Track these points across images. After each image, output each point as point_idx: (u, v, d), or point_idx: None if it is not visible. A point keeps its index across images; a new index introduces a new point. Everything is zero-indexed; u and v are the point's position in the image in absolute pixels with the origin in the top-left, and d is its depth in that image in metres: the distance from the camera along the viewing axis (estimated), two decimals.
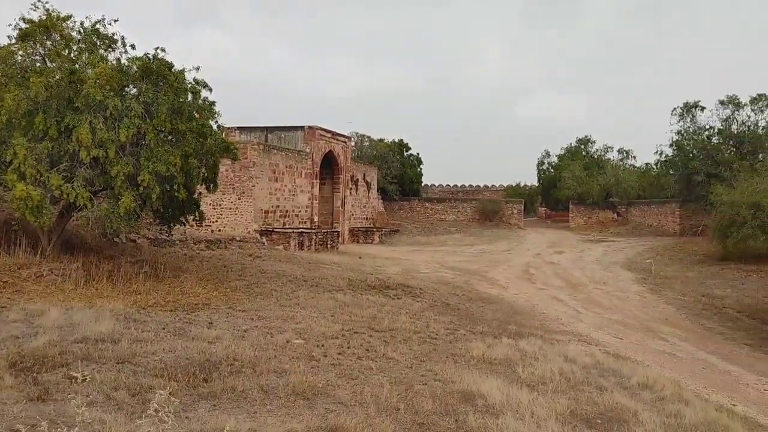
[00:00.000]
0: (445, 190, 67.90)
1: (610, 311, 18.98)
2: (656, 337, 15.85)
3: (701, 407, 8.02)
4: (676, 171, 45.38)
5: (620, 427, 6.50)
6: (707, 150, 42.49)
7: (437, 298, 16.25)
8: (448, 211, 52.95)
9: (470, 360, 9.10)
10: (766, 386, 11.66)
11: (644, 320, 18.08)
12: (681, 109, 44.32)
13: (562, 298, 20.67)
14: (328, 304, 13.05)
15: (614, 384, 8.61)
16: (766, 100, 41.64)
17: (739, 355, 14.88)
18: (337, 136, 37.17)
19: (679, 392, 8.78)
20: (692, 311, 20.17)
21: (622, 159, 61.59)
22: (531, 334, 12.38)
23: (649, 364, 11.67)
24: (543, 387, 7.84)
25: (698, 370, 12.59)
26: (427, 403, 6.54)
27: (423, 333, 10.86)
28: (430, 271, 24.27)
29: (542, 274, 26.34)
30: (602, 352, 11.79)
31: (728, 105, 42.66)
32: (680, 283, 25.29)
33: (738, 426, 7.37)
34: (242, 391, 6.40)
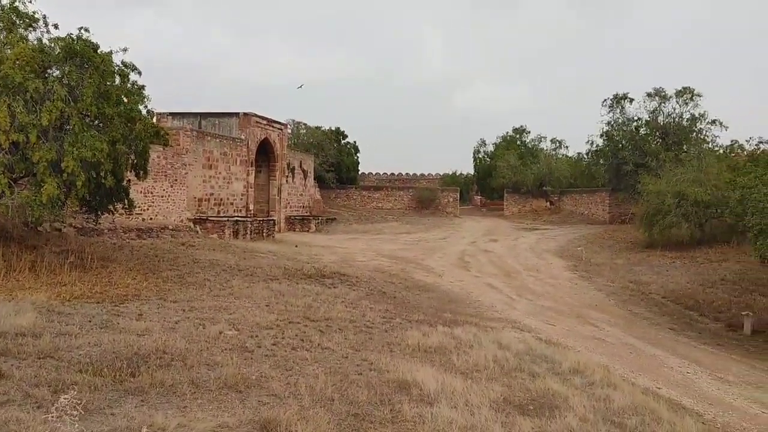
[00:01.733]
0: (383, 178, 68.04)
1: (542, 298, 19.36)
2: (586, 323, 16.26)
3: (629, 391, 8.25)
4: (606, 161, 46.75)
5: (552, 413, 6.59)
6: (635, 141, 43.92)
7: (373, 287, 16.23)
8: (385, 200, 53.06)
9: (406, 349, 9.10)
10: (689, 369, 12.09)
11: (575, 306, 18.52)
12: (611, 100, 45.69)
13: (497, 285, 20.98)
14: (263, 293, 12.85)
15: (546, 370, 8.75)
16: (690, 94, 43.28)
17: (664, 339, 15.40)
18: (273, 123, 36.66)
19: (608, 377, 9.01)
20: (620, 297, 20.79)
21: (555, 148, 63.19)
22: (466, 322, 12.50)
23: (579, 350, 11.95)
24: (477, 374, 7.91)
25: (626, 354, 12.96)
26: (362, 394, 6.48)
27: (359, 322, 10.81)
28: (367, 260, 24.25)
29: (477, 262, 26.68)
30: (535, 338, 12.00)
31: (655, 97, 44.20)
32: (609, 269, 26.02)
33: (662, 408, 7.60)
34: (172, 385, 6.19)
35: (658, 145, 43.08)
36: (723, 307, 18.85)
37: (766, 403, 10.01)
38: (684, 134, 43.18)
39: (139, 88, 14.03)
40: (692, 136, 43.32)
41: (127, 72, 13.62)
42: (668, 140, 43.16)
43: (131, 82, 13.84)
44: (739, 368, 12.84)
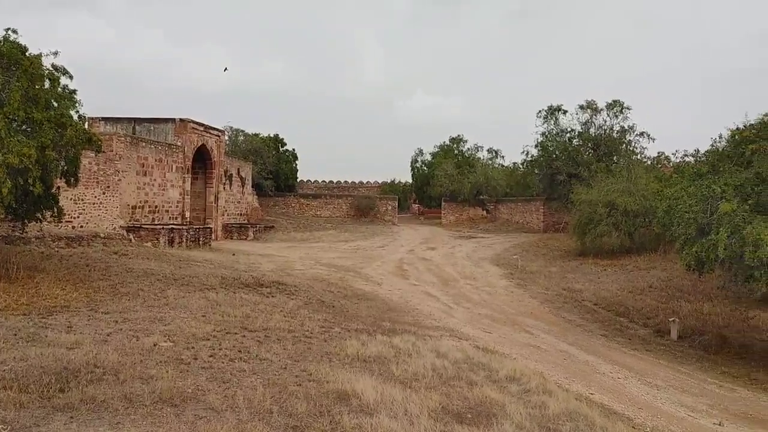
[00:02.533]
0: (321, 186, 67.77)
1: (479, 306, 19.63)
2: (522, 330, 16.56)
3: (563, 397, 8.42)
4: (540, 170, 47.91)
5: (489, 421, 6.67)
6: (569, 151, 45.17)
7: (312, 296, 16.13)
8: (323, 207, 52.87)
9: (345, 358, 9.06)
10: (620, 375, 12.45)
11: (511, 314, 18.85)
12: (545, 112, 46.96)
13: (435, 293, 21.17)
14: (199, 303, 12.60)
15: (484, 378, 8.86)
16: (619, 106, 44.87)
17: (596, 345, 15.84)
18: (211, 129, 36.08)
19: (544, 383, 9.17)
20: (555, 304, 21.27)
21: (491, 158, 64.25)
22: (405, 331, 12.55)
23: (516, 357, 12.15)
24: (416, 383, 7.94)
25: (560, 360, 13.25)
26: (301, 405, 6.42)
27: (297, 332, 10.71)
28: (305, 268, 24.10)
29: (415, 270, 26.86)
30: (472, 346, 12.12)
31: (587, 110, 45.63)
32: (544, 277, 26.60)
33: (595, 414, 7.79)
34: (103, 400, 6.00)
35: (590, 155, 44.44)
36: (651, 313, 19.53)
37: (691, 407, 10.41)
38: (614, 145, 44.70)
39: (70, 92, 13.60)
40: (622, 148, 44.87)
41: (58, 76, 13.18)
42: (599, 151, 44.57)
43: (62, 86, 13.40)
44: (667, 373, 13.32)
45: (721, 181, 15.06)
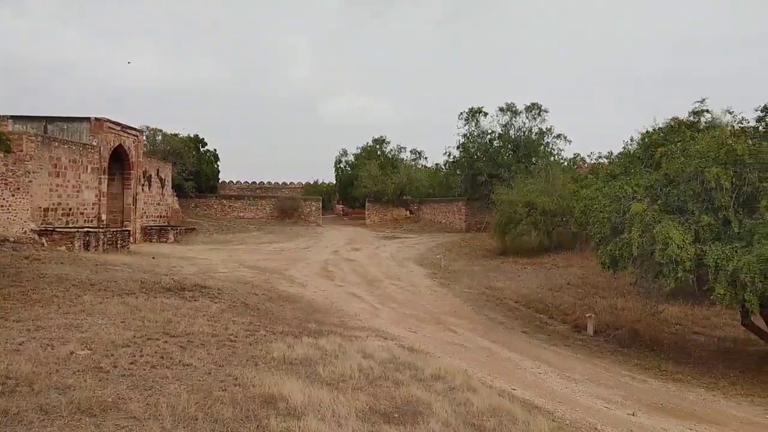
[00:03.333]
0: (244, 187, 66.80)
1: (404, 306, 19.80)
2: (446, 329, 16.82)
3: (487, 394, 8.62)
4: (462, 171, 48.78)
5: (415, 419, 6.75)
6: (489, 152, 46.21)
7: (236, 299, 15.88)
8: (246, 209, 52.13)
9: (271, 362, 8.97)
10: (540, 370, 12.83)
11: (435, 313, 19.10)
12: (467, 113, 47.87)
13: (360, 294, 21.22)
14: (118, 309, 12.18)
15: (410, 377, 8.96)
16: (537, 109, 46.25)
17: (518, 342, 16.26)
18: (128, 129, 34.95)
19: (468, 381, 9.36)
20: (477, 303, 21.70)
21: (414, 159, 64.93)
22: (331, 332, 12.53)
23: (440, 356, 12.32)
24: (343, 385, 7.95)
25: (483, 358, 13.53)
26: (227, 411, 6.33)
27: (222, 336, 10.52)
28: (229, 271, 23.70)
29: (340, 271, 26.84)
30: (398, 346, 12.23)
31: (507, 112, 46.84)
32: (467, 276, 27.07)
33: (518, 409, 8.00)
34: (17, 413, 5.73)
35: (510, 157, 45.61)
36: (569, 309, 20.20)
37: (607, 398, 10.83)
38: (533, 147, 46.03)
39: None
40: (540, 149, 46.24)
41: None
42: (519, 152, 45.80)
43: None
44: (584, 367, 13.81)
45: (632, 182, 15.72)
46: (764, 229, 12.50)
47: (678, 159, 14.85)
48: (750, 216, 13.34)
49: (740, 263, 12.10)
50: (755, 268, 11.80)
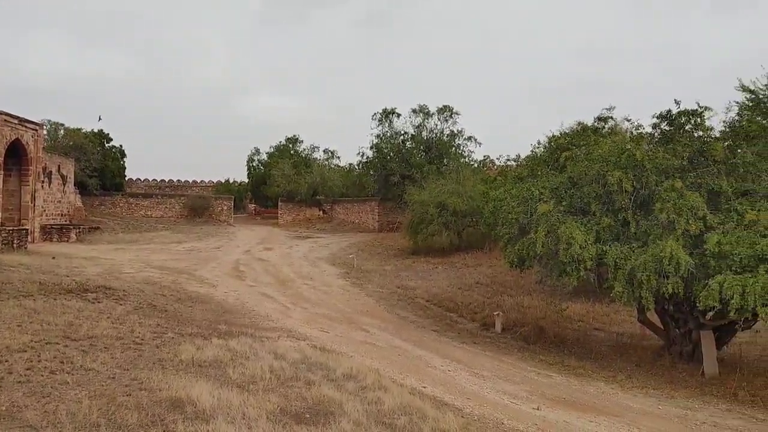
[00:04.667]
0: (152, 185, 64.70)
1: (316, 306, 19.74)
2: (359, 328, 16.88)
3: (398, 392, 8.71)
4: (375, 171, 49.05)
5: (327, 419, 6.76)
6: (402, 153, 46.69)
7: (143, 300, 15.40)
8: (155, 207, 50.56)
9: (179, 364, 8.75)
10: (450, 368, 13.07)
11: (348, 313, 19.14)
12: (380, 114, 48.22)
13: (272, 294, 21.00)
14: (13, 312, 11.56)
15: (322, 377, 8.95)
16: (449, 112, 47.14)
17: (429, 340, 16.51)
18: (26, 122, 33.18)
19: (379, 380, 9.43)
20: (389, 302, 21.89)
21: (327, 159, 64.75)
22: (242, 333, 12.35)
23: (352, 355, 12.36)
24: (254, 386, 7.86)
25: (395, 356, 13.65)
26: (132, 416, 6.13)
27: (127, 339, 10.18)
28: (135, 271, 22.92)
29: (252, 271, 26.47)
30: (310, 346, 12.19)
31: (419, 113, 47.49)
32: (379, 276, 27.26)
33: (428, 406, 8.14)
34: None
35: (422, 158, 46.25)
36: (478, 308, 20.70)
37: (513, 394, 11.16)
38: (444, 148, 46.86)
39: None
40: (452, 151, 47.10)
41: None
42: (431, 154, 46.51)
43: None
44: (492, 363, 14.18)
45: (539, 185, 16.26)
46: (658, 230, 13.21)
47: (582, 162, 15.47)
48: (646, 218, 14.05)
49: (637, 262, 12.75)
50: (650, 266, 12.46)
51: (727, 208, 13.35)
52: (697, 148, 14.22)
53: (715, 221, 13.00)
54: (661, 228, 13.19)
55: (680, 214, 12.89)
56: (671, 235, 12.72)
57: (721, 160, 13.86)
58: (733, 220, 12.94)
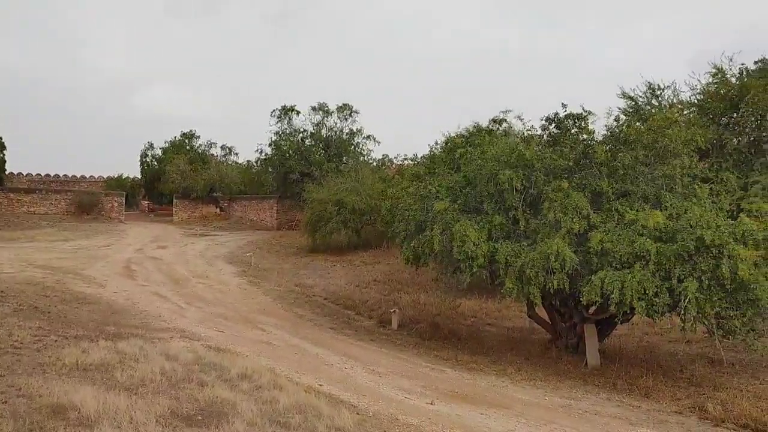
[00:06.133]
0: (36, 179, 61.10)
1: (212, 305, 19.34)
2: (255, 327, 16.68)
3: (293, 391, 8.69)
4: (274, 169, 48.56)
5: (220, 420, 6.65)
6: (301, 151, 46.49)
7: (23, 301, 14.55)
8: (38, 203, 47.74)
9: (62, 369, 8.35)
10: (346, 365, 13.14)
11: (244, 312, 18.87)
12: (279, 111, 47.76)
13: (165, 294, 20.38)
14: None
15: (215, 378, 8.79)
16: (348, 110, 47.34)
17: (326, 338, 16.53)
18: None
19: (275, 379, 9.37)
20: (287, 300, 21.75)
21: (225, 155, 63.36)
22: (132, 334, 11.93)
23: (248, 355, 12.19)
24: (143, 389, 7.62)
25: (291, 355, 13.59)
26: (7, 425, 5.80)
27: (4, 343, 9.60)
28: (16, 271, 21.61)
29: (144, 270, 25.58)
30: (204, 346, 11.93)
31: (319, 111, 47.47)
32: (277, 274, 27.03)
33: (323, 404, 8.17)
34: None
35: (322, 155, 46.23)
36: (375, 305, 20.92)
37: (408, 389, 11.36)
38: (344, 147, 47.05)
39: None
40: (351, 149, 47.33)
41: None
42: (330, 152, 46.58)
43: None
44: (388, 360, 14.37)
45: (435, 183, 16.61)
46: (546, 228, 13.81)
47: (476, 162, 15.92)
48: (535, 216, 14.65)
49: (526, 259, 13.27)
50: (538, 263, 13.00)
51: (608, 208, 14.11)
52: (581, 151, 14.94)
53: (598, 220, 13.73)
54: (549, 226, 13.80)
55: (566, 214, 13.53)
56: (558, 234, 13.33)
57: (603, 163, 14.63)
58: (613, 219, 13.70)
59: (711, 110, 21.79)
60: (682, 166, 14.74)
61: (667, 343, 16.32)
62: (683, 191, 14.61)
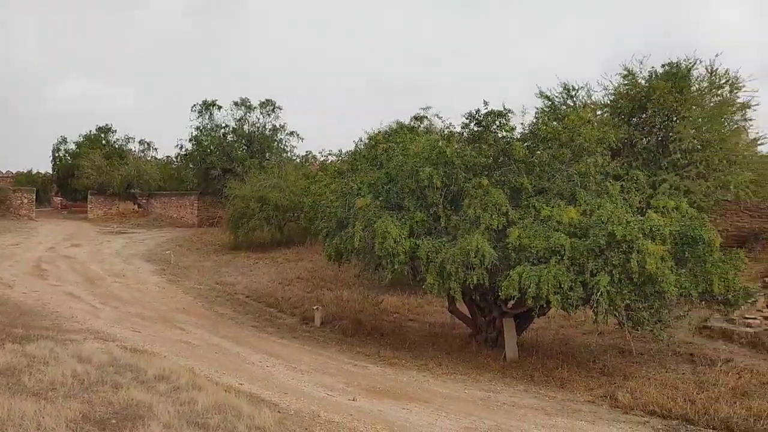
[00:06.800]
0: None
1: (129, 304, 18.79)
2: (174, 327, 16.30)
3: (213, 391, 8.54)
4: (195, 165, 47.48)
5: (134, 424, 6.47)
6: (223, 147, 45.68)
7: None
8: None
9: None
10: (268, 363, 13.02)
11: (163, 311, 18.42)
12: (200, 106, 46.70)
13: (79, 294, 19.66)
14: None
15: (131, 380, 8.53)
16: (271, 106, 46.82)
17: (247, 336, 16.33)
18: None
19: (194, 379, 9.18)
20: (207, 299, 21.36)
21: (143, 150, 61.52)
22: (42, 336, 11.43)
23: (166, 355, 11.91)
24: (53, 394, 7.32)
25: (212, 355, 13.35)
26: None
27: None
28: None
29: (56, 269, 24.58)
30: (120, 347, 11.58)
31: (241, 107, 46.73)
32: (197, 272, 26.51)
33: (243, 404, 8.06)
34: None
35: (244, 152, 45.56)
36: (298, 302, 20.81)
37: (330, 386, 11.36)
38: (267, 143, 46.51)
39: None
40: (274, 145, 46.84)
41: None
42: (253, 148, 45.97)
43: None
44: (310, 357, 14.32)
45: (358, 179, 16.64)
46: (466, 225, 14.06)
47: (397, 158, 16.04)
48: (456, 213, 14.89)
49: (447, 255, 13.47)
50: (458, 259, 13.22)
51: (526, 204, 14.48)
52: (501, 148, 15.26)
53: (516, 216, 14.07)
54: (469, 223, 14.04)
55: (486, 210, 13.81)
56: (477, 230, 13.58)
57: (521, 160, 15.00)
58: (531, 215, 14.08)
59: (622, 110, 22.70)
60: (596, 164, 15.29)
61: (581, 335, 16.89)
62: (596, 188, 15.14)
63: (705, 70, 22.77)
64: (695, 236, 13.13)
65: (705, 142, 21.93)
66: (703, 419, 10.55)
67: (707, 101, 22.90)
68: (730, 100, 22.84)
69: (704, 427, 10.38)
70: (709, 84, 22.83)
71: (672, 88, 21.36)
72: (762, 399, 11.29)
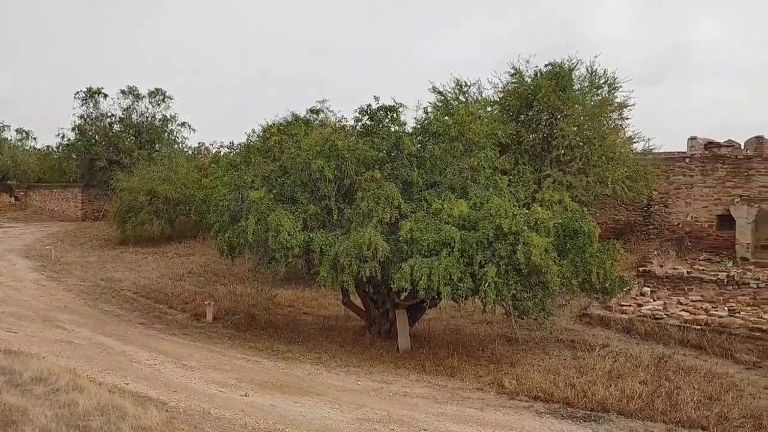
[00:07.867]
0: None
1: (4, 304, 17.71)
2: (54, 326, 15.51)
3: (95, 392, 8.18)
4: (78, 155, 45.17)
5: (7, 430, 6.13)
6: (109, 137, 43.76)
7: None
8: None
9: None
10: (156, 361, 12.63)
11: (42, 309, 17.48)
12: (84, 93, 44.42)
13: None
14: None
15: (4, 383, 8.04)
16: (161, 95, 45.18)
17: (134, 334, 15.75)
18: None
19: (75, 380, 8.76)
20: (92, 296, 20.44)
21: (21, 139, 58.02)
22: None
23: (45, 356, 11.33)
24: None
25: (96, 354, 12.80)
26: None
27: None
28: None
29: None
30: None
31: (129, 95, 44.78)
32: (81, 268, 25.31)
33: (128, 404, 7.78)
34: None
35: (132, 142, 43.85)
36: (189, 298, 20.28)
37: (221, 383, 11.18)
38: (156, 134, 44.94)
39: None
40: (164, 136, 45.30)
41: None
42: (141, 138, 44.31)
43: None
44: (201, 353, 14.00)
45: (251, 172, 16.38)
46: (359, 218, 14.16)
47: (290, 151, 15.92)
48: (350, 206, 14.96)
49: (340, 249, 13.52)
50: (351, 252, 13.29)
51: (418, 198, 14.76)
52: (393, 142, 15.46)
53: (408, 210, 14.31)
54: (362, 216, 14.15)
55: (378, 203, 13.96)
56: (370, 223, 13.71)
57: (413, 154, 15.26)
58: (423, 208, 14.36)
59: (510, 108, 23.56)
60: (486, 158, 15.78)
61: (471, 325, 17.41)
62: (486, 182, 15.64)
63: (586, 71, 24.00)
64: (576, 228, 13.87)
65: (586, 139, 23.15)
66: (582, 401, 11.17)
67: (588, 100, 24.13)
68: (609, 99, 24.19)
69: (582, 409, 10.99)
70: (589, 84, 24.09)
71: (555, 87, 22.37)
72: (634, 380, 12.10)
